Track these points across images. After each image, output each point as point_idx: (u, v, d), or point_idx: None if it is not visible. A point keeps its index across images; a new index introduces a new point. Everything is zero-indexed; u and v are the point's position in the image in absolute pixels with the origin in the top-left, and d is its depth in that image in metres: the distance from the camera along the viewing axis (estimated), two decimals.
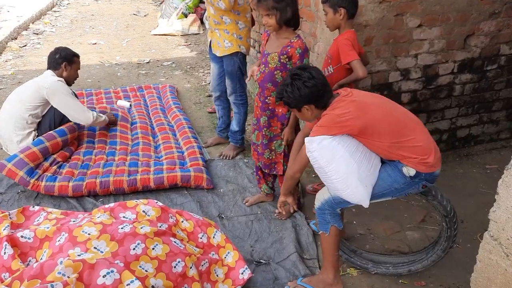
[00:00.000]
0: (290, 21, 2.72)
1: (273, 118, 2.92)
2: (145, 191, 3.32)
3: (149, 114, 4.55)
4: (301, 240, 2.87)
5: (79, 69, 3.89)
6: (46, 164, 3.37)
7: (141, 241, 2.07)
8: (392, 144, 2.13)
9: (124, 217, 2.25)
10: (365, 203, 2.20)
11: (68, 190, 3.18)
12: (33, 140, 3.53)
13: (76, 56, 3.82)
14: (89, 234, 2.03)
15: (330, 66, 2.96)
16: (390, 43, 3.29)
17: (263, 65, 2.85)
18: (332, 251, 2.39)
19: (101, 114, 3.90)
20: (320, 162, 2.12)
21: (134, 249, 2.03)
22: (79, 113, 3.65)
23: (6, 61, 6.32)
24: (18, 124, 3.54)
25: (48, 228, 2.11)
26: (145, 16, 9.46)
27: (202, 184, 3.36)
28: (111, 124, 4.08)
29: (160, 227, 2.21)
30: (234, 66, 3.56)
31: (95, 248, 1.99)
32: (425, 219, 3.12)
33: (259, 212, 3.13)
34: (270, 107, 2.90)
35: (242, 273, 2.36)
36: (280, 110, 2.89)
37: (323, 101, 2.19)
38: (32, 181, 3.18)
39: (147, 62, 6.42)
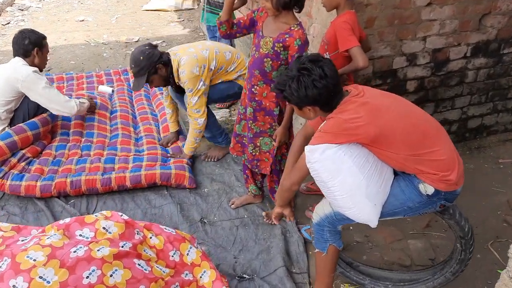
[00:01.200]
0: (290, 3, 2.30)
1: (260, 112, 2.56)
2: (121, 191, 3.01)
3: (132, 101, 4.20)
4: (291, 250, 2.57)
5: (48, 51, 3.48)
6: (14, 160, 3.06)
7: (97, 267, 1.76)
8: (409, 157, 1.77)
9: (81, 235, 1.94)
10: (373, 224, 1.88)
11: (35, 191, 2.88)
12: None
13: (45, 38, 3.40)
14: (34, 260, 1.73)
15: (327, 53, 2.58)
16: (395, 24, 2.90)
17: (254, 48, 2.47)
18: (328, 272, 2.09)
19: (83, 100, 3.55)
20: (322, 175, 1.78)
21: (87, 277, 1.73)
22: (61, 105, 3.29)
23: None
24: None
25: None
26: None
27: (184, 183, 3.04)
28: (89, 111, 3.73)
29: (122, 247, 1.90)
30: None
31: (40, 277, 1.69)
32: (430, 224, 2.80)
33: (245, 216, 2.82)
34: (256, 98, 2.54)
35: None
36: (267, 104, 2.53)
37: (331, 104, 1.81)
38: None
39: (136, 41, 6.02)
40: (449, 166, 1.79)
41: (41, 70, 3.36)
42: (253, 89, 2.52)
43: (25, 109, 3.30)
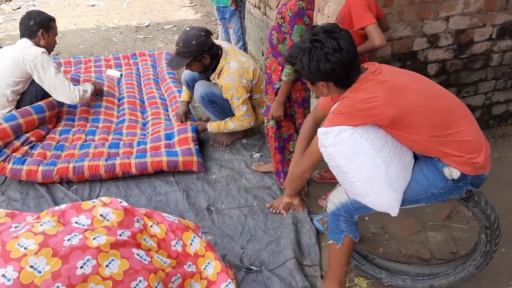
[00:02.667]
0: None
1: (269, 85, 2.49)
2: (126, 177, 2.89)
3: (141, 85, 4.08)
4: (302, 241, 2.42)
5: (57, 34, 3.39)
6: (17, 143, 2.97)
7: (92, 257, 1.65)
8: (432, 138, 1.62)
9: (76, 222, 1.83)
10: (394, 212, 1.73)
11: (37, 176, 2.79)
12: None
13: (53, 20, 3.30)
14: (25, 248, 1.62)
15: None
16: (415, 3, 2.71)
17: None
18: (341, 265, 1.94)
19: (86, 88, 3.42)
20: (338, 160, 1.64)
21: (81, 267, 1.62)
22: (63, 93, 3.20)
23: None
24: (3, 104, 3.11)
25: None
26: None
27: (193, 168, 2.93)
28: (97, 94, 3.64)
29: (120, 235, 1.78)
30: None
31: (31, 266, 1.58)
32: (451, 216, 2.63)
33: (254, 204, 2.69)
34: (267, 71, 2.49)
35: None
36: (274, 77, 2.42)
37: (347, 80, 1.65)
38: None
39: (147, 26, 5.90)
40: (476, 148, 1.63)
41: (49, 53, 3.26)
42: (266, 62, 2.51)
43: (33, 92, 3.21)
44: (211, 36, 2.92)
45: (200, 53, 2.82)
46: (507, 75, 3.26)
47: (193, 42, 2.78)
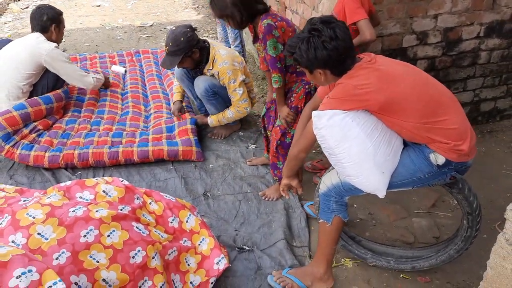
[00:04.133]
0: (248, 17, 2.46)
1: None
2: (128, 165, 3.04)
3: (144, 80, 4.23)
4: (293, 225, 2.55)
5: (65, 27, 3.56)
6: (25, 131, 3.12)
7: (95, 227, 1.79)
8: (420, 125, 1.74)
9: (81, 197, 1.97)
10: (381, 193, 1.84)
11: (43, 161, 2.94)
12: None
13: (61, 14, 3.49)
14: (34, 217, 1.76)
15: None
16: (405, 1, 2.85)
17: None
18: (330, 244, 2.06)
19: (100, 76, 3.71)
20: (329, 141, 1.76)
21: (85, 236, 1.75)
22: (79, 80, 3.48)
23: (5, 23, 6.07)
24: (12, 93, 3.24)
25: None
26: None
27: (192, 158, 3.07)
28: (105, 87, 3.88)
29: (121, 210, 1.92)
30: None
31: (39, 234, 1.72)
32: (436, 204, 2.75)
33: (249, 191, 2.82)
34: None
35: (217, 263, 2.07)
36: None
37: (343, 67, 1.78)
38: (6, 147, 2.96)
39: (150, 26, 6.07)
40: (461, 136, 1.75)
41: (58, 45, 3.44)
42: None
43: (44, 84, 3.39)
44: (195, 31, 3.07)
45: (189, 48, 2.97)
46: (495, 73, 3.38)
47: (182, 39, 2.92)
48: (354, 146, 1.74)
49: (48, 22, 3.34)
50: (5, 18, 6.27)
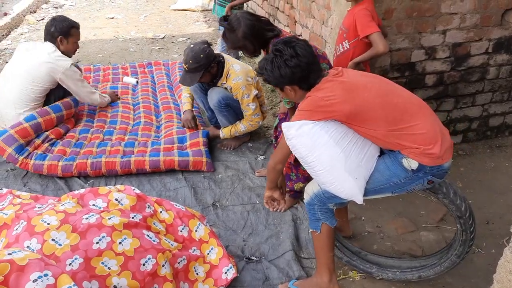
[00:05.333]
0: (260, 46, 2.58)
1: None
2: (139, 174, 3.09)
3: (155, 91, 4.31)
4: (300, 236, 2.58)
5: (79, 39, 3.60)
6: (38, 141, 3.18)
7: (107, 234, 1.83)
8: (389, 132, 1.81)
9: (94, 205, 2.02)
10: (358, 199, 1.89)
11: (57, 170, 3.00)
12: None
13: (75, 27, 3.50)
14: (48, 223, 1.81)
15: (346, 41, 2.62)
16: (413, 16, 2.89)
17: None
18: (325, 251, 2.09)
19: (104, 95, 3.80)
20: (300, 151, 1.84)
21: (97, 242, 1.80)
22: (86, 96, 3.59)
23: (21, 34, 6.22)
24: (27, 104, 3.30)
25: (7, 214, 1.90)
26: None
27: (202, 168, 3.12)
28: (112, 101, 3.96)
29: (132, 218, 1.97)
30: None
31: (53, 240, 1.77)
32: (445, 218, 2.76)
33: (257, 202, 2.85)
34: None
35: (225, 273, 2.11)
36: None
37: (308, 82, 1.88)
38: (20, 158, 3.00)
39: (162, 38, 6.17)
40: (430, 140, 1.79)
41: (69, 57, 3.50)
42: None
43: (57, 93, 3.46)
44: (211, 45, 3.15)
45: (209, 64, 3.04)
46: (504, 88, 3.40)
47: (201, 55, 2.99)
48: (324, 154, 1.81)
49: (56, 34, 3.37)
50: (21, 29, 6.43)
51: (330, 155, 1.80)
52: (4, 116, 3.35)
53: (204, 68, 3.02)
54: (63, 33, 3.40)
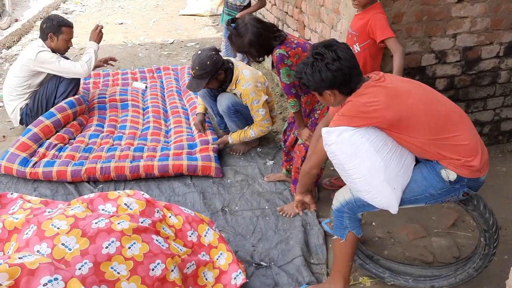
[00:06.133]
0: (265, 52, 2.59)
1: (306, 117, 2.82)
2: (148, 179, 3.09)
3: (164, 96, 4.33)
4: (310, 242, 2.56)
5: (71, 38, 3.74)
6: (42, 150, 3.22)
7: (116, 239, 1.83)
8: (430, 141, 1.76)
9: (103, 210, 2.02)
10: (393, 209, 1.86)
11: (66, 175, 3.01)
12: (20, 110, 3.63)
13: (66, 25, 3.65)
14: (58, 228, 1.81)
15: (356, 44, 2.61)
16: (423, 20, 2.87)
17: None
18: (346, 260, 2.07)
19: (87, 57, 3.71)
20: (340, 157, 1.80)
21: (107, 247, 1.80)
22: (73, 74, 3.62)
23: (31, 40, 6.27)
24: (10, 95, 3.61)
25: (17, 219, 1.91)
26: None
27: (210, 173, 3.11)
28: (106, 63, 4.13)
29: (141, 223, 1.96)
30: None
31: (63, 244, 1.77)
32: (456, 224, 2.73)
33: (266, 207, 2.84)
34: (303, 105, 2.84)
35: (235, 278, 2.09)
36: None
37: (349, 86, 1.83)
38: (27, 170, 3.03)
39: (171, 43, 6.21)
40: (471, 152, 1.76)
41: (61, 54, 3.70)
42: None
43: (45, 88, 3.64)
44: (219, 52, 3.15)
45: (215, 71, 3.04)
46: None
47: (208, 62, 3.00)
48: (364, 162, 1.77)
49: (46, 30, 3.58)
50: (31, 36, 6.50)
51: (370, 163, 1.76)
52: (9, 111, 3.70)
53: (210, 75, 3.03)
54: (53, 30, 3.58)
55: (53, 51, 3.60)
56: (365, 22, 2.54)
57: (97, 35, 3.86)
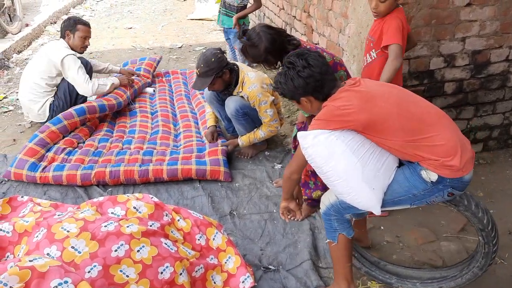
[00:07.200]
0: (281, 58, 2.51)
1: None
2: (157, 182, 3.11)
3: (173, 100, 4.35)
4: (318, 246, 2.55)
5: (88, 37, 3.89)
6: (51, 154, 3.24)
7: (125, 242, 1.84)
8: (406, 143, 1.77)
9: (112, 213, 2.04)
10: (375, 210, 1.86)
11: (76, 179, 3.03)
12: (49, 108, 3.73)
13: (82, 23, 3.83)
14: (68, 231, 1.83)
15: (373, 50, 2.57)
16: (432, 24, 2.86)
17: None
18: (343, 262, 2.06)
19: (106, 83, 3.87)
20: (316, 160, 1.82)
21: (116, 250, 1.81)
22: (79, 87, 3.74)
23: (42, 44, 6.35)
24: (36, 92, 3.68)
25: (27, 222, 1.93)
26: (184, 0, 9.31)
27: (219, 177, 3.12)
28: (123, 86, 4.10)
29: (150, 226, 1.98)
30: None
31: (72, 247, 1.79)
32: (465, 228, 2.70)
33: (274, 211, 2.84)
34: None
35: (243, 282, 2.10)
36: None
37: (323, 92, 1.88)
38: (37, 174, 3.05)
39: (179, 47, 6.25)
40: (449, 152, 1.75)
41: (79, 53, 3.84)
42: None
43: (66, 85, 3.77)
44: (224, 53, 3.17)
45: (220, 69, 3.06)
46: None
47: (212, 59, 3.03)
48: (341, 163, 1.78)
49: (64, 29, 3.79)
50: (42, 40, 6.57)
51: (347, 164, 1.77)
52: (25, 106, 3.81)
53: (214, 72, 3.04)
54: (69, 28, 3.76)
55: (71, 49, 3.76)
56: (381, 27, 2.49)
57: (126, 81, 4.12)
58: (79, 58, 3.76)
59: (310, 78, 1.83)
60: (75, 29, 3.76)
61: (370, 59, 2.60)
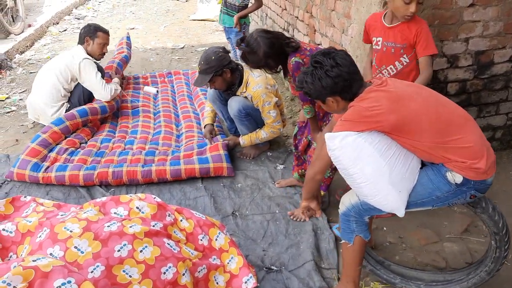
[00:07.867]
0: (281, 61, 2.57)
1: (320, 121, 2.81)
2: (159, 183, 3.11)
3: (175, 101, 4.36)
4: (321, 247, 2.55)
5: (107, 44, 3.94)
6: (53, 154, 3.25)
7: (128, 242, 1.84)
8: (434, 145, 1.76)
9: (115, 213, 2.04)
10: (400, 212, 1.85)
11: (78, 179, 3.03)
12: (65, 111, 3.70)
13: (102, 31, 3.87)
14: (71, 231, 1.83)
15: (404, 55, 2.52)
16: (435, 24, 2.85)
17: None
18: (354, 264, 2.06)
19: (117, 86, 3.95)
20: (343, 162, 1.80)
21: (119, 250, 1.81)
22: (98, 93, 3.77)
23: (44, 45, 6.37)
24: (53, 96, 3.69)
25: (30, 222, 1.93)
26: (186, 1, 9.32)
27: (223, 173, 3.14)
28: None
29: (153, 226, 1.97)
30: None
31: (75, 247, 1.78)
32: (469, 229, 2.70)
33: (277, 212, 2.83)
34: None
35: (245, 282, 2.09)
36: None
37: (351, 92, 1.84)
38: (40, 175, 3.05)
39: (181, 48, 6.26)
40: (476, 154, 1.75)
41: (97, 59, 3.87)
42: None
43: (80, 90, 3.79)
44: (228, 53, 3.17)
45: (220, 67, 3.06)
46: None
47: (213, 57, 3.04)
48: (368, 166, 1.77)
49: (84, 35, 3.84)
50: (44, 41, 6.59)
51: (375, 167, 1.76)
52: (37, 109, 3.77)
53: (214, 70, 3.04)
54: (89, 34, 3.80)
55: (89, 55, 3.79)
56: (412, 32, 2.45)
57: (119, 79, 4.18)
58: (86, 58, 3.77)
59: (339, 77, 1.80)
60: (95, 35, 3.80)
61: (401, 65, 2.55)
